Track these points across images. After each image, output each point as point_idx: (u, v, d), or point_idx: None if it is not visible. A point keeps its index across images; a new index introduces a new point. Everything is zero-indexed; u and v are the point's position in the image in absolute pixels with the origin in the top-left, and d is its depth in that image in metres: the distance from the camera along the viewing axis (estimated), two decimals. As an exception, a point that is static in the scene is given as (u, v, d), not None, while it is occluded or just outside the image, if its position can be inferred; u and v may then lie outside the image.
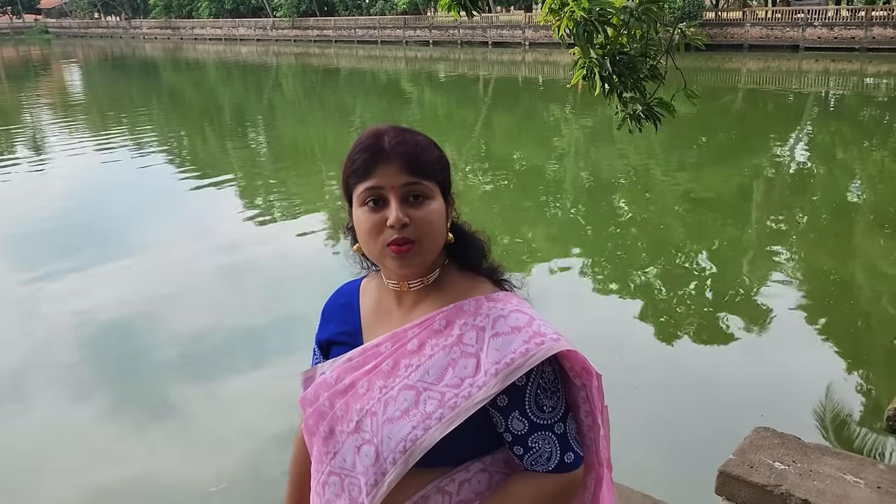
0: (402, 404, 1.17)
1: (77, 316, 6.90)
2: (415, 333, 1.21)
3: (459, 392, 1.15)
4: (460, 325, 1.19)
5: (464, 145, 16.13)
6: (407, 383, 1.18)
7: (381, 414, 1.18)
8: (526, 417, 1.17)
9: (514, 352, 1.15)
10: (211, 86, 32.00)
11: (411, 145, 1.19)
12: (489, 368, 1.15)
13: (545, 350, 1.15)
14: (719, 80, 27.40)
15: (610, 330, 6.49)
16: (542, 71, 32.46)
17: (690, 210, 10.43)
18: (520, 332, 1.17)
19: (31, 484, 4.42)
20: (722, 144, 15.60)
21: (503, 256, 8.47)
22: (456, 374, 1.16)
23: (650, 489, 2.68)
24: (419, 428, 1.15)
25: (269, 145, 17.35)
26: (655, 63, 3.63)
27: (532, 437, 1.18)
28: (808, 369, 5.61)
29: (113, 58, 49.12)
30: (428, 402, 1.16)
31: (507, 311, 1.20)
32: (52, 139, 17.60)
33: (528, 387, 1.17)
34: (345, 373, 1.25)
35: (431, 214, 1.18)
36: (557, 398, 1.20)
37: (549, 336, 1.17)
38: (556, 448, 1.18)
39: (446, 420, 1.14)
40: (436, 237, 1.20)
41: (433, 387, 1.17)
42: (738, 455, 2.06)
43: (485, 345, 1.16)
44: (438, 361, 1.18)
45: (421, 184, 1.18)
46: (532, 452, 1.18)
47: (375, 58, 41.62)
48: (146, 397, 5.47)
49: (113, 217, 10.54)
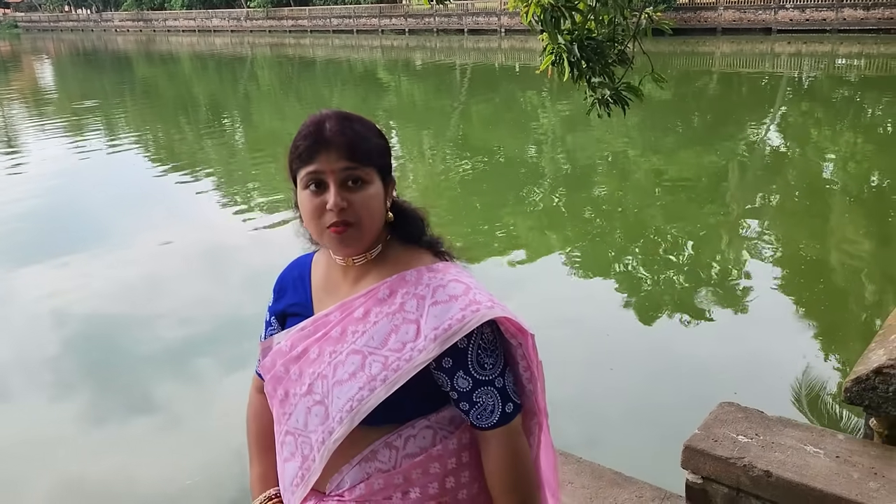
0: (349, 367, 1.27)
1: (54, 310, 6.84)
2: (360, 303, 1.30)
3: (402, 355, 1.24)
4: (402, 293, 1.28)
5: (442, 133, 16.13)
6: (354, 348, 1.28)
7: (330, 377, 1.29)
8: (469, 375, 1.27)
9: (452, 318, 1.24)
10: (185, 78, 31.62)
11: (350, 133, 1.26)
12: (428, 334, 1.24)
13: (479, 317, 1.25)
14: (693, 63, 27.57)
15: (587, 313, 6.56)
16: (519, 58, 32.42)
17: (667, 193, 10.52)
18: (457, 301, 1.26)
19: (9, 478, 4.40)
20: (697, 128, 15.72)
21: (482, 243, 8.50)
22: (398, 339, 1.25)
23: (623, 467, 2.74)
24: (365, 389, 1.25)
25: (247, 137, 17.22)
26: (623, 48, 3.66)
27: (476, 392, 1.28)
28: (783, 347, 5.70)
29: (84, 51, 48.35)
30: (373, 365, 1.25)
31: (446, 281, 1.29)
32: (25, 134, 17.33)
33: (470, 348, 1.27)
34: (298, 341, 1.35)
35: (369, 198, 1.27)
36: (496, 356, 1.30)
37: (483, 304, 1.26)
38: (497, 400, 1.28)
39: (389, 381, 1.24)
40: (373, 219, 1.28)
41: (377, 351, 1.26)
42: (703, 430, 2.12)
43: (425, 312, 1.26)
44: (382, 327, 1.27)
45: (359, 169, 1.26)
46: (477, 406, 1.28)
47: (351, 47, 41.33)
48: (125, 391, 5.44)
49: (89, 211, 10.43)
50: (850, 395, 2.05)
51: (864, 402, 2.05)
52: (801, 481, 1.89)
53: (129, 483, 4.35)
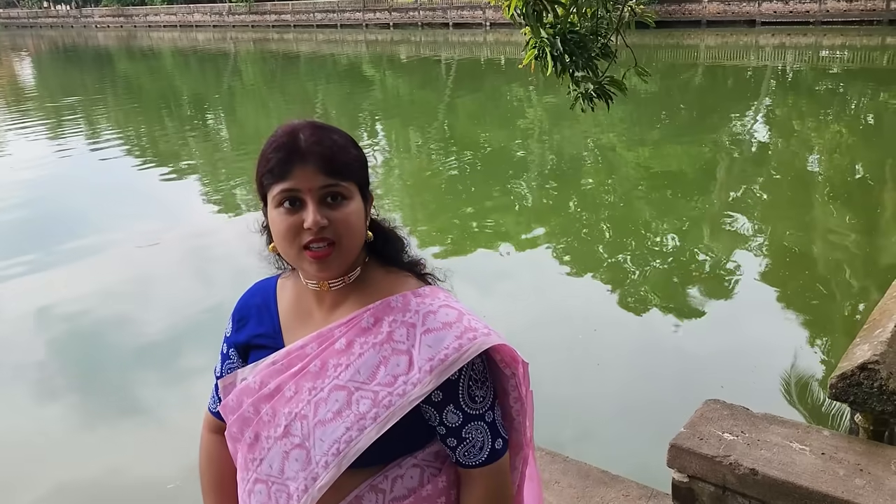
0: (333, 405, 1.15)
1: (37, 311, 6.76)
2: (342, 332, 1.18)
3: (394, 390, 1.13)
4: (389, 321, 1.17)
5: (428, 128, 16.07)
6: (337, 383, 1.16)
7: (311, 416, 1.16)
8: (460, 410, 1.18)
9: (448, 347, 1.14)
10: (168, 74, 31.34)
11: (328, 145, 1.15)
12: (423, 365, 1.14)
13: (478, 345, 1.15)
14: (678, 56, 27.64)
15: (573, 307, 6.54)
16: (504, 51, 32.38)
17: (653, 186, 10.53)
18: (451, 328, 1.16)
19: None
20: (683, 120, 15.75)
21: (470, 239, 8.48)
22: (388, 372, 1.14)
23: (609, 465, 2.72)
24: (353, 429, 1.13)
25: (231, 133, 17.08)
26: (606, 41, 3.63)
27: (466, 427, 1.18)
28: (769, 340, 5.72)
29: (65, 48, 47.83)
30: (361, 401, 1.14)
31: (437, 307, 1.19)
32: (5, 132, 17.11)
33: (461, 380, 1.17)
34: (269, 377, 1.22)
35: (350, 215, 1.15)
36: (487, 387, 1.21)
37: (479, 331, 1.17)
38: (487, 436, 1.19)
39: (382, 419, 1.13)
40: (355, 237, 1.17)
41: (365, 386, 1.14)
42: (689, 428, 2.10)
43: (416, 341, 1.15)
44: (369, 360, 1.15)
45: (339, 185, 1.14)
46: (466, 443, 1.19)
47: (335, 42, 41.12)
48: (110, 393, 5.39)
49: (71, 209, 10.30)
50: (836, 391, 2.04)
51: (849, 398, 2.04)
52: (787, 479, 1.87)
53: (113, 486, 4.31)
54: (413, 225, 9.34)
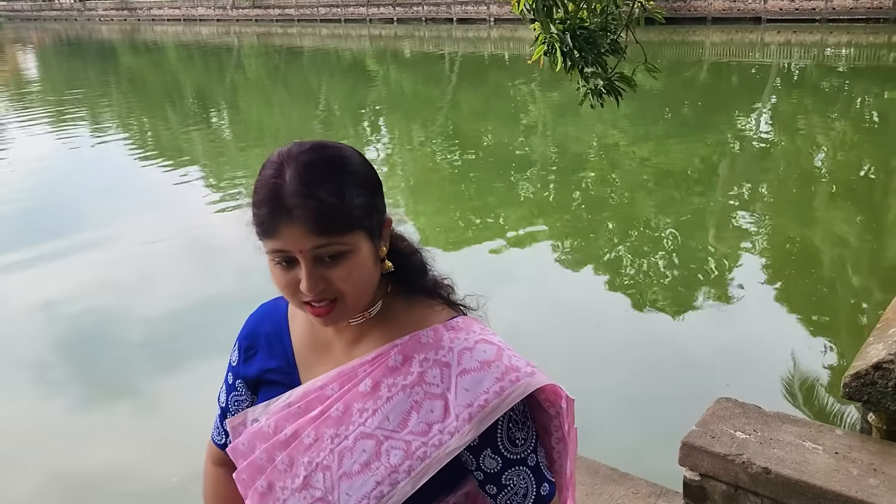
0: (360, 456, 1.04)
1: (41, 304, 6.76)
2: (366, 372, 1.06)
3: (429, 440, 1.02)
4: (420, 360, 1.05)
5: (431, 124, 16.05)
6: (363, 431, 1.04)
7: (335, 468, 1.05)
8: (499, 454, 1.06)
9: (488, 391, 1.02)
10: (171, 68, 31.32)
11: (318, 199, 0.96)
12: (461, 412, 1.02)
13: (522, 388, 1.03)
14: (683, 53, 27.57)
15: (577, 303, 6.54)
16: (508, 47, 32.31)
17: (657, 183, 10.51)
18: (490, 368, 1.03)
19: None
20: (687, 117, 15.72)
21: (472, 236, 8.47)
22: (421, 420, 1.02)
23: (617, 462, 2.71)
24: (385, 483, 1.02)
25: (234, 128, 17.08)
26: (616, 37, 3.61)
27: (506, 473, 1.07)
28: (774, 338, 5.70)
29: (68, 41, 47.81)
30: (392, 452, 1.02)
31: (472, 342, 1.06)
32: (9, 125, 17.11)
33: (500, 422, 1.05)
34: (285, 420, 1.10)
35: (352, 271, 1.00)
36: (528, 428, 1.09)
37: (522, 370, 1.05)
38: (531, 482, 1.08)
39: (417, 473, 1.02)
40: (361, 289, 1.04)
41: (395, 434, 1.03)
42: (701, 426, 2.09)
43: (452, 384, 1.03)
44: (399, 405, 1.03)
45: (333, 244, 0.98)
46: (507, 490, 1.07)
47: (339, 36, 41.06)
48: (113, 386, 5.40)
49: (74, 203, 10.31)
50: (850, 390, 2.02)
51: (863, 397, 2.02)
52: (801, 478, 1.86)
53: (115, 478, 4.31)
54: (416, 220, 9.33)
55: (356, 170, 1.01)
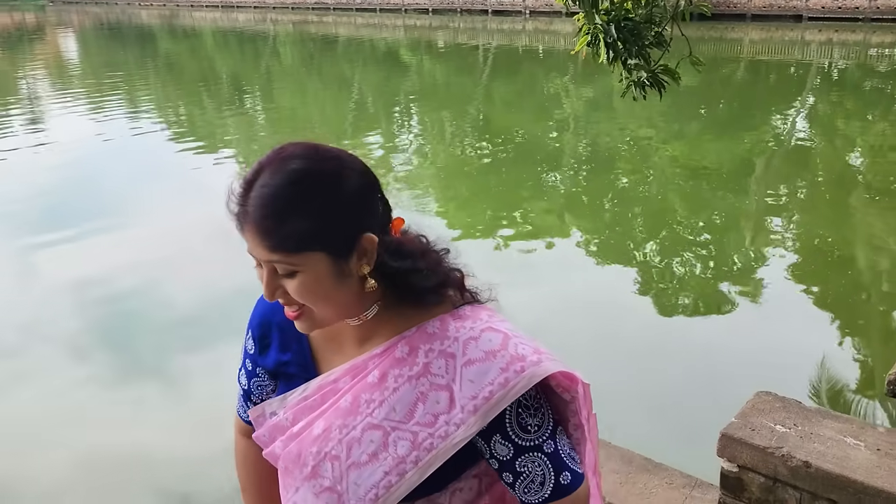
0: (368, 447, 1.05)
1: (74, 283, 6.91)
2: (375, 364, 1.07)
3: (435, 431, 1.02)
4: (425, 351, 1.04)
5: (463, 116, 16.04)
6: (371, 422, 1.05)
7: (344, 458, 1.06)
8: (509, 441, 1.04)
9: (493, 383, 1.01)
10: (208, 54, 31.65)
11: (262, 213, 0.97)
12: (466, 404, 1.02)
13: (527, 378, 1.02)
14: (721, 50, 27.15)
15: (608, 300, 6.53)
16: (543, 40, 32.13)
17: (690, 181, 10.41)
18: (495, 358, 1.02)
19: (27, 450, 4.46)
20: (723, 115, 15.52)
21: (501, 229, 8.47)
22: (427, 411, 1.03)
23: (649, 453, 2.72)
24: (392, 473, 1.03)
25: (268, 115, 17.23)
26: (661, 30, 3.59)
27: (519, 460, 1.05)
28: (806, 340, 5.65)
29: (109, 25, 48.50)
30: (399, 443, 1.03)
31: (478, 331, 1.05)
32: (49, 108, 17.46)
33: (509, 408, 1.04)
34: (301, 413, 1.12)
35: (305, 288, 1.00)
36: (542, 415, 1.07)
37: (528, 359, 1.03)
38: (548, 470, 1.05)
39: (423, 463, 1.03)
40: (322, 304, 1.02)
41: (402, 426, 1.04)
42: (740, 418, 2.09)
43: (457, 375, 1.02)
44: (405, 396, 1.04)
45: (282, 261, 0.98)
46: (523, 478, 1.05)
47: (374, 26, 41.13)
48: (142, 365, 5.51)
49: (110, 185, 10.50)
50: (894, 388, 2.01)
51: (906, 395, 2.01)
52: (842, 473, 1.86)
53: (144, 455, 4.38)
54: (444, 212, 9.36)
55: (313, 192, 0.97)
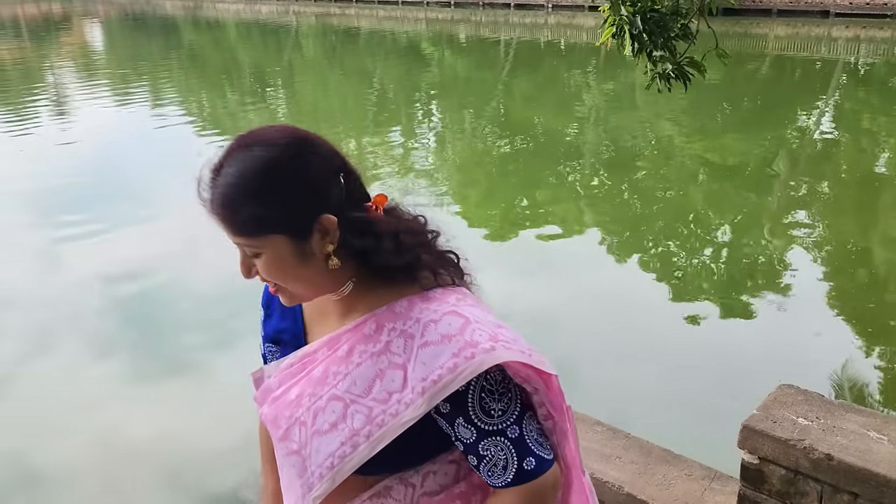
0: (329, 416, 1.08)
1: (100, 272, 6.99)
2: (347, 338, 1.11)
3: (387, 409, 1.05)
4: (389, 329, 1.07)
5: (483, 109, 16.01)
6: (335, 393, 1.08)
7: (310, 425, 1.10)
8: (472, 424, 1.05)
9: (442, 367, 1.02)
10: (231, 45, 31.83)
11: (223, 203, 1.05)
12: (416, 385, 1.03)
13: (476, 365, 1.02)
14: (746, 45, 26.82)
15: (627, 295, 6.50)
16: (565, 34, 31.94)
17: (712, 178, 10.33)
18: (450, 342, 1.03)
19: (49, 436, 4.51)
20: (746, 112, 15.36)
21: (520, 223, 8.46)
22: (384, 388, 1.05)
23: (668, 445, 2.72)
24: (347, 444, 1.06)
25: (289, 107, 17.31)
26: (687, 22, 3.57)
27: (482, 444, 1.06)
28: (829, 338, 5.60)
29: (133, 16, 48.89)
30: (355, 416, 1.06)
31: (440, 315, 1.06)
32: (74, 97, 17.67)
33: (471, 391, 1.05)
34: (284, 379, 1.17)
35: (269, 267, 1.06)
36: (508, 399, 1.07)
37: (481, 346, 1.03)
38: (511, 454, 1.05)
39: (374, 438, 1.05)
40: (292, 282, 1.09)
41: (360, 399, 1.06)
42: (762, 410, 2.08)
43: (412, 356, 1.04)
44: (366, 371, 1.07)
45: (246, 245, 1.07)
46: (486, 461, 1.06)
47: (396, 18, 41.12)
48: (165, 354, 5.56)
49: (134, 175, 10.61)
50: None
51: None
52: (864, 466, 1.85)
53: (167, 442, 4.43)
54: (463, 205, 9.37)
55: (268, 179, 1.02)
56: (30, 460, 4.29)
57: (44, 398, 4.92)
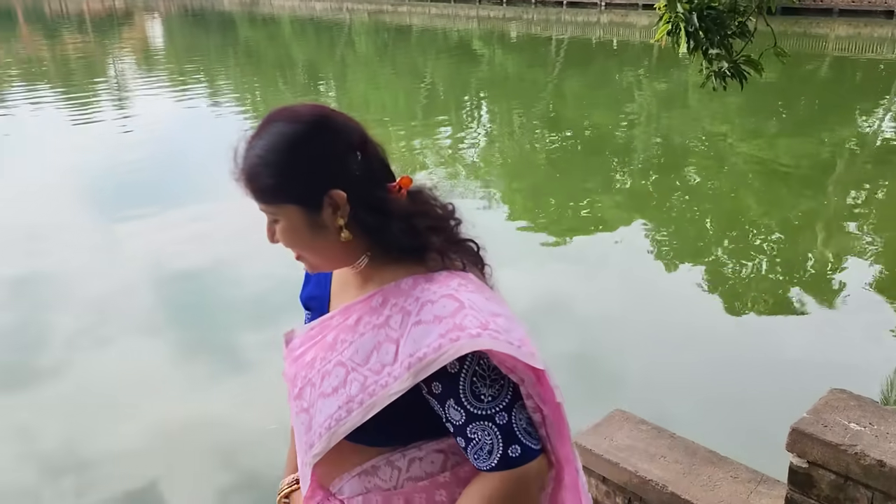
0: (333, 380, 1.14)
1: (155, 258, 7.19)
2: (357, 309, 1.16)
3: (379, 380, 1.09)
4: (391, 305, 1.12)
5: (533, 107, 15.95)
6: (340, 359, 1.14)
7: (317, 386, 1.16)
8: (462, 406, 1.08)
9: (428, 346, 1.05)
10: (285, 41, 32.35)
11: (246, 171, 1.13)
12: (403, 360, 1.07)
13: (457, 348, 1.04)
14: (804, 45, 26.10)
15: (675, 295, 6.43)
16: (618, 33, 31.56)
17: (765, 180, 10.11)
18: (440, 323, 1.06)
19: (100, 419, 4.65)
20: (803, 114, 14.97)
21: (567, 221, 8.42)
22: (378, 359, 1.10)
23: (713, 447, 2.69)
24: (343, 409, 1.11)
25: (340, 102, 17.51)
26: (745, 20, 3.51)
27: (470, 426, 1.08)
28: (882, 345, 5.45)
29: (192, 11, 50.03)
30: (353, 383, 1.11)
31: (438, 296, 1.09)
32: (134, 89, 18.19)
33: (463, 374, 1.07)
34: (305, 341, 1.23)
35: (284, 235, 1.15)
36: (500, 386, 1.09)
37: (467, 331, 1.04)
38: (497, 440, 1.07)
39: (366, 405, 1.09)
40: (308, 251, 1.17)
41: (359, 368, 1.11)
42: (813, 414, 2.05)
43: (406, 332, 1.08)
44: (367, 342, 1.12)
45: (268, 209, 1.15)
46: (473, 444, 1.09)
47: (448, 16, 41.17)
48: (219, 341, 5.67)
49: (188, 165, 10.87)
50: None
51: None
52: (918, 474, 1.81)
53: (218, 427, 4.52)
54: (510, 201, 9.36)
55: (283, 151, 1.10)
56: (84, 442, 4.43)
57: (99, 381, 5.07)
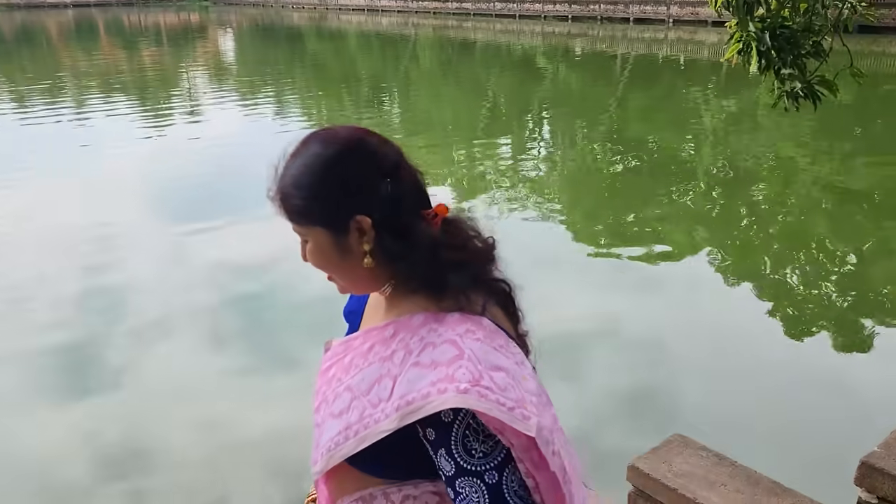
0: (340, 404, 1.12)
1: (220, 266, 7.35)
2: (373, 336, 1.15)
3: (374, 413, 1.06)
4: (399, 339, 1.10)
5: (595, 125, 15.82)
6: (350, 384, 1.13)
7: (329, 404, 1.15)
8: (452, 458, 1.03)
9: (418, 391, 1.02)
10: (351, 55, 32.98)
11: (280, 191, 1.15)
12: (395, 400, 1.04)
13: (442, 401, 0.99)
14: (883, 65, 25.17)
15: (738, 321, 6.25)
16: (685, 50, 31.06)
17: (837, 203, 9.76)
18: (434, 370, 1.03)
19: (156, 425, 4.73)
20: (880, 135, 14.40)
21: (627, 241, 8.29)
22: (377, 393, 1.07)
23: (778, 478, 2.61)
24: (341, 435, 1.10)
25: (403, 116, 17.73)
26: (819, 39, 3.42)
27: (459, 480, 1.03)
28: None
29: (263, 25, 51.62)
30: (354, 411, 1.09)
31: (442, 340, 1.05)
32: (205, 101, 18.83)
33: (456, 424, 1.03)
34: (333, 356, 1.23)
35: (312, 255, 1.15)
36: (493, 443, 1.03)
37: (455, 384, 0.99)
38: (484, 499, 1.02)
39: (359, 437, 1.07)
40: (335, 272, 1.16)
41: (362, 397, 1.09)
42: (884, 448, 1.97)
43: (404, 371, 1.06)
44: (373, 372, 1.10)
45: (298, 230, 1.15)
46: (461, 498, 1.03)
47: (512, 32, 41.33)
48: (277, 349, 5.75)
49: (255, 177, 11.08)
50: None
51: None
52: None
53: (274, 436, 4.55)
54: (570, 220, 9.28)
55: (314, 171, 1.11)
56: (141, 445, 4.53)
57: (160, 386, 5.20)
